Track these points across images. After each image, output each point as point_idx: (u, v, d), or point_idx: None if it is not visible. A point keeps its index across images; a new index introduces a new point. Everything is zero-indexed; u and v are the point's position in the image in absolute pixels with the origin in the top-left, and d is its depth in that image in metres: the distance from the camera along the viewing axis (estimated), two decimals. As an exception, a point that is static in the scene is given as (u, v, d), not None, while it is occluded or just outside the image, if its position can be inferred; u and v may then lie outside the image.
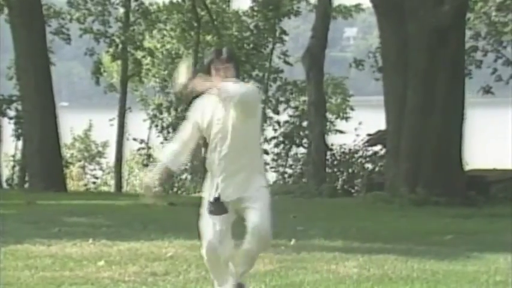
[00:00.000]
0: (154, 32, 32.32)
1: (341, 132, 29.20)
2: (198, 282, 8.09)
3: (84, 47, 31.22)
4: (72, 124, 32.34)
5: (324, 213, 15.34)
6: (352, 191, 24.66)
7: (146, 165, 31.99)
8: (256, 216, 6.71)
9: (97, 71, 30.63)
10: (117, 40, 30.25)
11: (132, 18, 30.92)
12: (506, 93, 32.14)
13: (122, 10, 31.18)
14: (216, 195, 6.70)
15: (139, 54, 31.16)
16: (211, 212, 6.70)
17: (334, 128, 29.33)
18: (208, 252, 6.74)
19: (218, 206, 6.70)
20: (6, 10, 24.51)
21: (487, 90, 28.73)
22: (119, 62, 31.44)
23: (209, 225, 6.73)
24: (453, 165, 17.56)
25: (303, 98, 30.19)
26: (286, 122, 29.92)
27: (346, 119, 31.58)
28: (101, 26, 30.39)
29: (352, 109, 32.50)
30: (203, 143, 7.07)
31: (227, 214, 6.73)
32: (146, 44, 31.68)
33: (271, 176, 28.39)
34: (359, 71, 30.10)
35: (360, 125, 27.33)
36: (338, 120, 31.27)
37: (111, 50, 30.64)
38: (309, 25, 27.60)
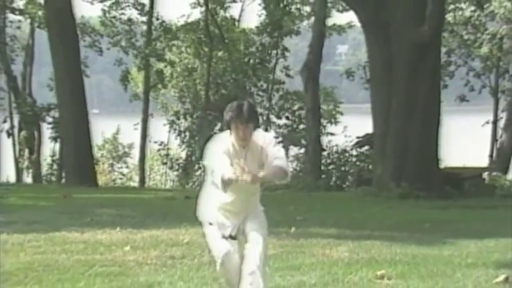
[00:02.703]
0: (174, 48, 32.37)
1: (332, 134, 29.23)
2: (211, 265, 8.10)
3: (112, 62, 31.34)
4: (102, 128, 32.40)
5: (320, 205, 15.34)
6: (344, 186, 24.64)
7: (165, 163, 32.08)
8: (256, 247, 6.29)
9: (125, 78, 30.74)
10: (142, 53, 30.34)
11: (154, 35, 30.96)
12: (480, 102, 32.18)
13: (144, 27, 31.22)
14: (233, 234, 6.29)
15: (161, 65, 31.22)
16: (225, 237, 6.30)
17: (326, 131, 29.29)
18: (225, 260, 6.23)
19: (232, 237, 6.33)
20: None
21: (462, 99, 28.95)
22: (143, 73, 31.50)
23: (219, 239, 6.31)
24: (431, 164, 17.54)
25: (298, 105, 30.26)
26: (284, 124, 30.03)
27: (336, 123, 31.60)
28: (128, 42, 30.52)
29: (341, 114, 32.54)
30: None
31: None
32: (167, 57, 31.72)
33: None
34: (350, 81, 30.20)
35: (345, 128, 27.34)
36: (329, 124, 31.24)
37: (137, 61, 30.77)
38: (306, 43, 27.60)
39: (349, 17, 32.99)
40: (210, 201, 6.42)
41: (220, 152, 6.18)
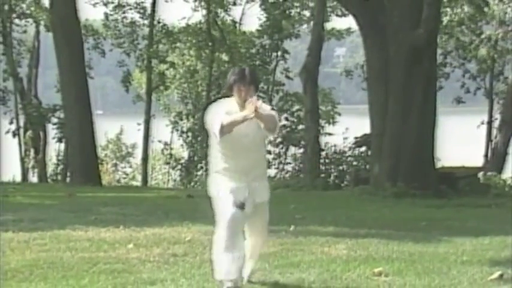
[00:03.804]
0: (177, 50, 32.38)
1: (330, 134, 29.27)
2: (212, 262, 8.10)
3: (115, 64, 31.36)
4: (106, 129, 32.42)
5: (318, 203, 15.33)
6: (342, 185, 24.62)
7: (168, 163, 32.08)
8: (258, 225, 6.84)
9: (126, 79, 30.81)
10: (144, 55, 30.33)
11: (155, 38, 30.93)
12: (476, 103, 32.23)
13: (147, 29, 31.17)
14: (242, 200, 6.55)
15: (162, 67, 31.21)
16: (238, 207, 6.55)
17: (324, 132, 29.30)
18: (231, 221, 6.47)
19: (242, 205, 6.59)
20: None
21: (459, 100, 29.08)
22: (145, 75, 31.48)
23: (231, 205, 6.55)
24: (427, 163, 17.53)
25: (297, 106, 30.31)
26: (284, 125, 30.01)
27: (334, 123, 31.66)
28: (131, 44, 30.55)
29: (339, 115, 32.60)
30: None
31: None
32: (170, 59, 31.69)
33: (273, 172, 28.42)
34: (348, 81, 30.31)
35: (347, 130, 27.31)
36: (327, 124, 31.29)
37: (139, 63, 30.78)
38: (305, 45, 27.58)
39: (348, 21, 33.06)
40: (216, 171, 6.66)
41: (221, 112, 6.44)
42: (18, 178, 28.75)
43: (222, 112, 6.47)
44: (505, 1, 27.13)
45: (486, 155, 28.90)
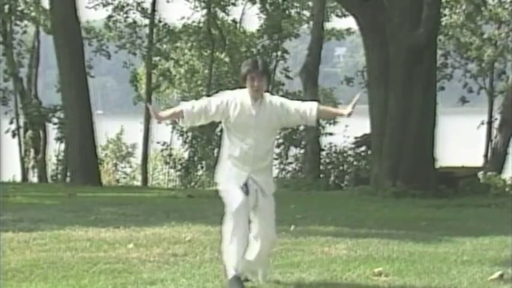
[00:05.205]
0: (178, 50, 32.39)
1: (331, 134, 29.24)
2: (212, 262, 8.11)
3: (116, 64, 31.40)
4: (106, 129, 32.38)
5: (319, 203, 15.31)
6: (342, 185, 24.62)
7: (168, 163, 32.05)
8: (265, 223, 6.84)
9: (134, 79, 30.87)
10: (145, 54, 30.36)
11: (157, 37, 30.90)
12: (476, 103, 32.23)
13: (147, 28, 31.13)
14: (244, 182, 6.67)
15: (166, 65, 31.22)
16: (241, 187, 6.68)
17: (324, 132, 29.27)
18: (239, 210, 6.57)
19: (246, 189, 6.68)
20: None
21: (464, 100, 29.12)
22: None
23: (238, 194, 6.64)
24: (427, 163, 17.53)
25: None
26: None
27: (335, 123, 31.62)
28: (133, 45, 30.59)
29: (339, 114, 32.56)
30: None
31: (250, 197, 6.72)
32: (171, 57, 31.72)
33: (274, 172, 28.40)
34: (350, 87, 30.28)
35: (346, 127, 27.28)
36: (328, 124, 31.24)
37: (144, 62, 30.87)
38: (305, 45, 27.58)
39: (348, 22, 33.10)
40: (223, 158, 6.80)
41: (217, 97, 6.79)
42: (18, 178, 28.73)
43: (219, 97, 6.76)
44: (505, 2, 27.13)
45: (486, 155, 28.89)
